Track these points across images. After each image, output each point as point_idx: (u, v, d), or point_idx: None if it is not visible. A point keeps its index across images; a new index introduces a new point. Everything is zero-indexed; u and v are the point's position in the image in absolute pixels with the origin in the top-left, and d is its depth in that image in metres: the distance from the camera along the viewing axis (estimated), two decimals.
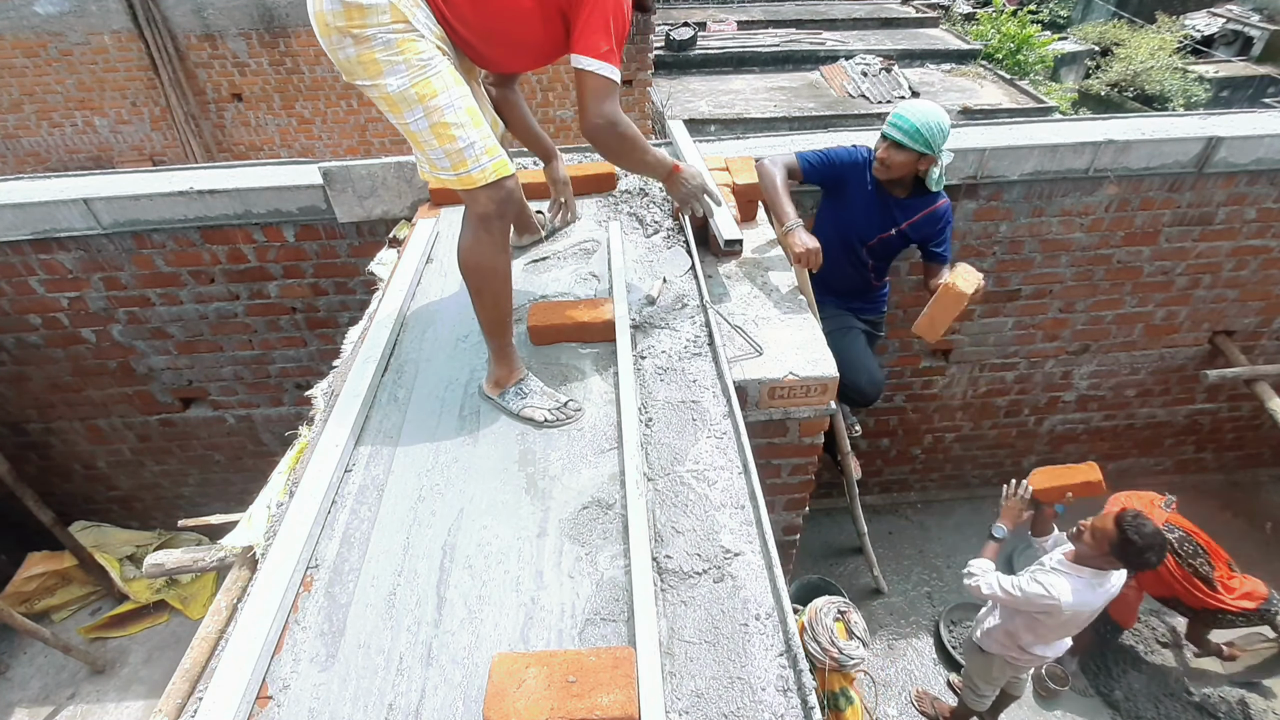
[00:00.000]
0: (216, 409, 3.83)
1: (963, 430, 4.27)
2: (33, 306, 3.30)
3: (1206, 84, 13.43)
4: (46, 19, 6.67)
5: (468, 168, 1.57)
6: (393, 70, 1.49)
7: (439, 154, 1.57)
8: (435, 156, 1.58)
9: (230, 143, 7.59)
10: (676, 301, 2.07)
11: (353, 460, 1.62)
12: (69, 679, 3.83)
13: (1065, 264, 3.49)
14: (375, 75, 1.50)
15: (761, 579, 1.31)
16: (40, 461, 3.99)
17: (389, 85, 1.50)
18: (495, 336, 1.75)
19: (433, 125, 1.54)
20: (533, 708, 1.08)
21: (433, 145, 1.56)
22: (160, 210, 2.97)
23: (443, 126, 1.54)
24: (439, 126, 1.54)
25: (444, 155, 1.57)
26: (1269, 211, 3.34)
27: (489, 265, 1.68)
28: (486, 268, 1.68)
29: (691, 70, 9.56)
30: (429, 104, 1.52)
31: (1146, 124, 3.23)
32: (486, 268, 1.68)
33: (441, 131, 1.54)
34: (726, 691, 1.14)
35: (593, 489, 1.52)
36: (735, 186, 2.54)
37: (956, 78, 9.43)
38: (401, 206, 2.85)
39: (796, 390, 1.93)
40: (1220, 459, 4.58)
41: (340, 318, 3.41)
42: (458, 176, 1.59)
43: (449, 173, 1.60)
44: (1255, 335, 3.90)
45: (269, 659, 1.22)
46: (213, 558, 1.70)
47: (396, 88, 1.50)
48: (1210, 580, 3.16)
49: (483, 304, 1.72)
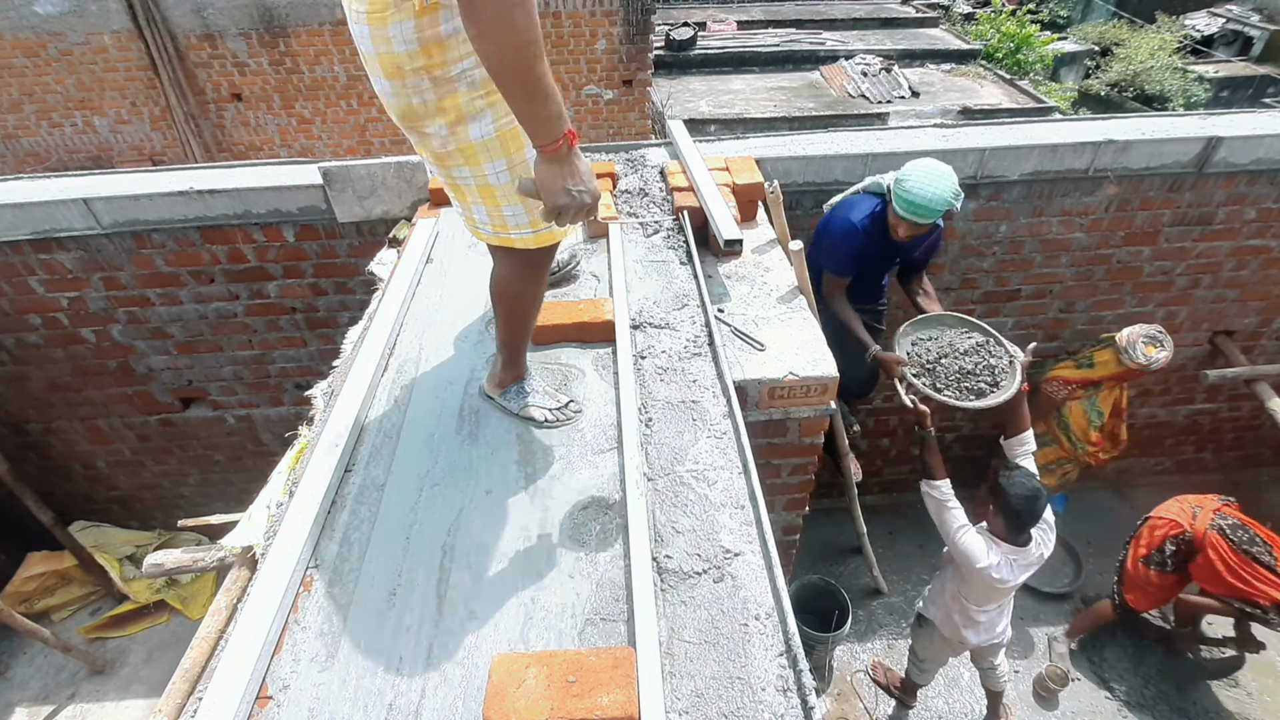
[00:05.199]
0: (216, 409, 3.83)
1: (963, 430, 4.27)
2: (33, 306, 3.30)
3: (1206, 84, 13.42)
4: (46, 19, 6.67)
5: (544, 225, 1.39)
6: (477, 116, 1.25)
7: (516, 210, 1.37)
8: (511, 214, 1.38)
9: (230, 143, 7.58)
10: (676, 301, 2.07)
11: (353, 460, 1.62)
12: (69, 679, 3.83)
13: (1065, 264, 3.49)
14: (455, 121, 1.25)
15: (761, 579, 1.31)
16: (40, 461, 3.99)
17: (471, 132, 1.26)
18: (510, 349, 1.70)
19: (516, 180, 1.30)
20: (533, 708, 1.08)
21: (511, 201, 1.36)
22: (160, 210, 2.97)
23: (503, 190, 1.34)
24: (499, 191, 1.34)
25: (524, 212, 1.38)
26: (1269, 211, 3.34)
27: (528, 298, 1.61)
28: (526, 299, 1.61)
29: (691, 70, 9.56)
30: (513, 156, 1.31)
31: (1146, 124, 3.23)
32: (526, 299, 1.61)
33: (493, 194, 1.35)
34: (726, 691, 1.14)
35: (593, 489, 1.52)
36: (735, 186, 2.54)
37: (956, 78, 9.43)
38: (401, 206, 2.85)
39: (796, 390, 1.93)
40: (1220, 459, 4.58)
41: (340, 318, 3.40)
42: (535, 235, 1.41)
43: (525, 230, 1.40)
44: (1255, 335, 3.90)
45: (269, 659, 1.22)
46: (213, 558, 1.70)
47: (479, 135, 1.27)
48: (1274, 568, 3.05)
49: (509, 326, 1.65)
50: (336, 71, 7.18)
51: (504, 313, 1.63)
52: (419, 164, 2.74)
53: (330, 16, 6.84)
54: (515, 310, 1.62)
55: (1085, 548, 4.24)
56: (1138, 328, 3.35)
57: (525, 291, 1.58)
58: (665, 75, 9.17)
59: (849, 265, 2.69)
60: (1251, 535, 3.04)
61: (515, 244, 1.43)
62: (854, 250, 2.65)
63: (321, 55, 7.07)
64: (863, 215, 2.63)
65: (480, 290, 2.19)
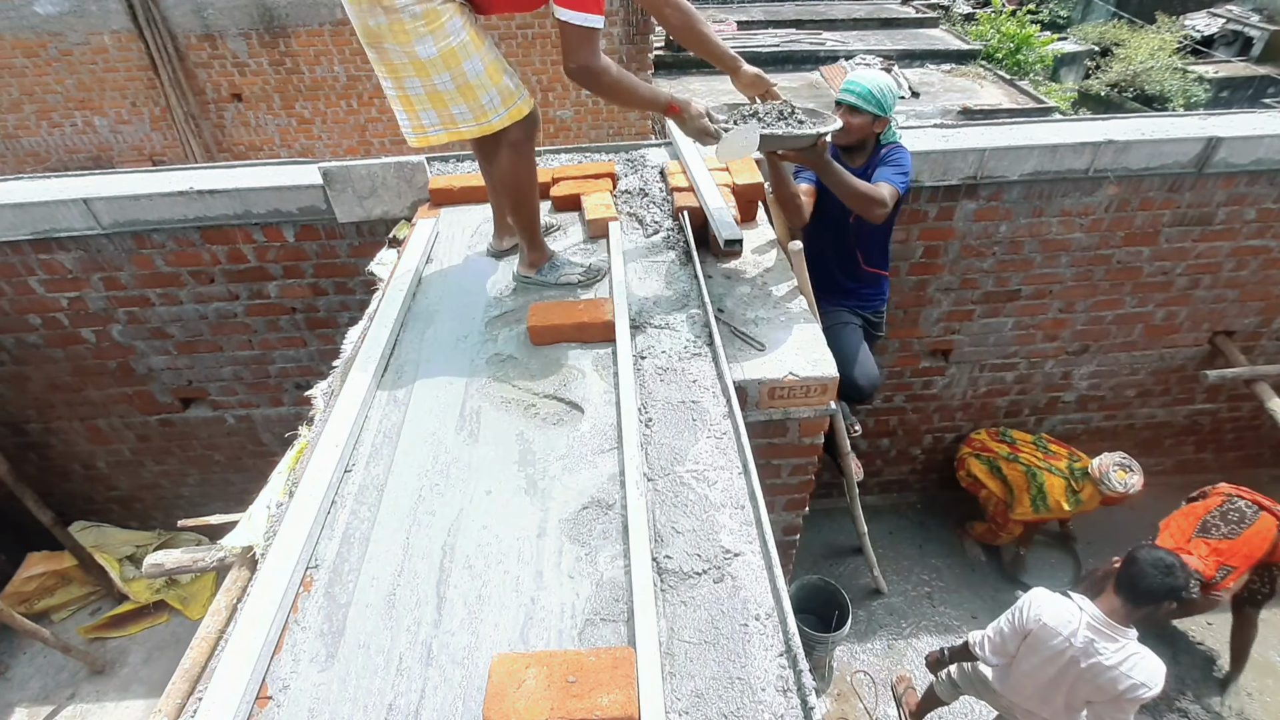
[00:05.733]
0: (216, 409, 3.83)
1: (963, 430, 4.26)
2: (33, 306, 3.30)
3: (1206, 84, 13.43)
4: (46, 19, 6.67)
5: (488, 118, 1.82)
6: (421, 40, 1.66)
7: (463, 110, 1.79)
8: (459, 113, 1.79)
9: (230, 143, 7.59)
10: (676, 301, 2.07)
11: (353, 460, 1.62)
12: (69, 679, 3.83)
13: (1065, 264, 3.49)
14: (404, 43, 1.67)
15: (761, 579, 1.31)
16: (40, 461, 3.99)
17: (419, 52, 1.68)
18: (529, 230, 2.09)
19: (459, 87, 1.75)
20: (533, 708, 1.07)
21: (458, 103, 1.77)
22: (160, 210, 2.97)
23: (467, 88, 1.75)
24: (464, 89, 1.75)
25: (468, 111, 1.79)
26: (1269, 212, 3.34)
27: (525, 180, 1.99)
28: (524, 182, 1.99)
29: (691, 70, 9.56)
30: (455, 69, 1.72)
31: (1146, 124, 3.23)
32: (524, 182, 1.99)
33: (467, 92, 1.76)
34: (726, 691, 1.14)
35: (593, 489, 1.52)
36: (735, 186, 2.54)
37: (956, 78, 9.43)
38: (401, 207, 2.85)
39: (796, 390, 1.93)
40: (1220, 459, 4.58)
41: (340, 318, 3.41)
42: (479, 126, 1.82)
43: (470, 124, 1.82)
44: (1255, 335, 3.90)
45: (269, 659, 1.22)
46: (213, 558, 1.70)
47: (425, 54, 1.68)
48: None
49: (520, 212, 2.05)
50: (336, 71, 7.18)
51: (512, 199, 2.04)
52: (419, 164, 2.74)
53: (330, 16, 6.85)
54: (520, 192, 2.01)
55: (1085, 548, 4.24)
56: (1104, 458, 3.47)
57: (522, 171, 1.96)
58: (665, 75, 9.18)
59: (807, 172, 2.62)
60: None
61: (496, 126, 1.83)
62: None
63: (321, 55, 7.07)
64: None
65: (480, 290, 2.19)
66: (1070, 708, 2.51)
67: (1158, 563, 2.31)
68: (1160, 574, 2.29)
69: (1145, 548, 2.41)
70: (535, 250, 2.13)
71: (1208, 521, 3.15)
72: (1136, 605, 2.33)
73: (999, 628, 2.59)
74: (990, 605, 3.97)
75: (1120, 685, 2.30)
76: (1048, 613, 2.42)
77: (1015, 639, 2.52)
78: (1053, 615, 2.41)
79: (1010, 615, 2.55)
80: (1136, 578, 2.32)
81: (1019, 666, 2.57)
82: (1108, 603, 2.39)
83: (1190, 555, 3.02)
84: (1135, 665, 2.29)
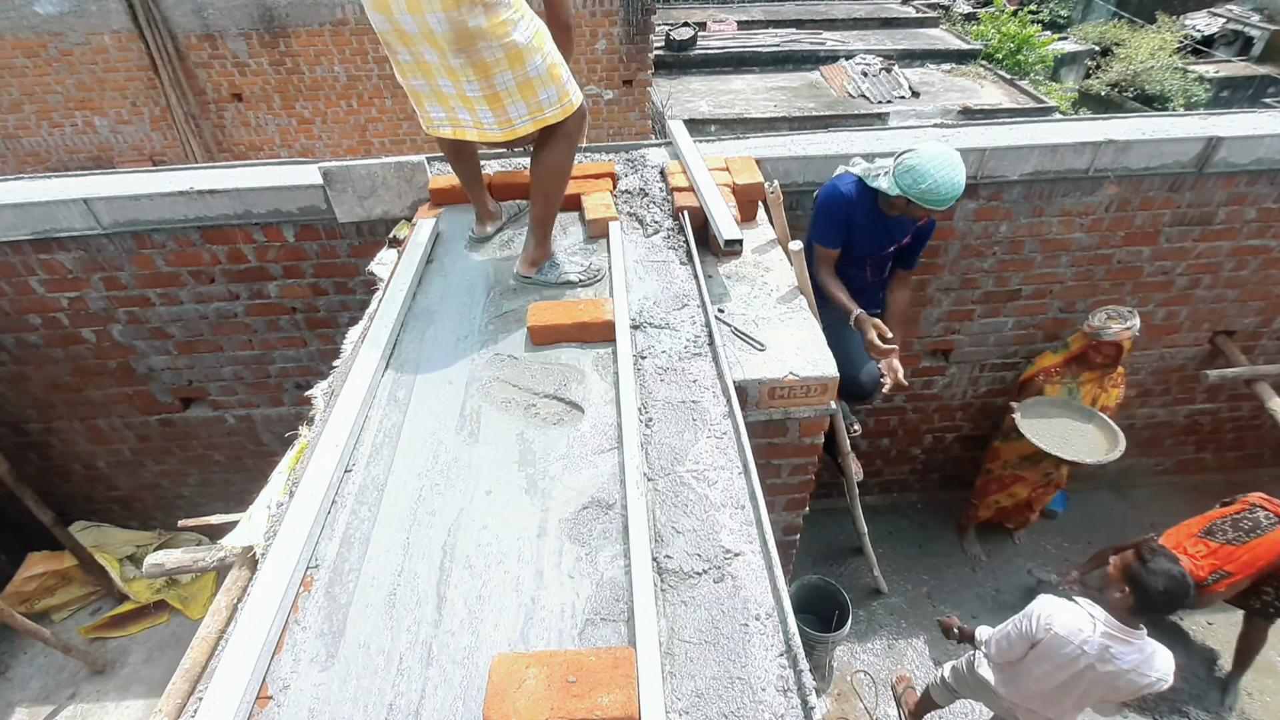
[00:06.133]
0: (216, 409, 3.83)
1: (963, 430, 4.26)
2: (33, 306, 3.30)
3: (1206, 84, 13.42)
4: (46, 19, 6.67)
5: (570, 98, 1.87)
6: (516, 27, 1.70)
7: (550, 94, 1.83)
8: (545, 98, 1.83)
9: (230, 143, 7.59)
10: (676, 301, 2.07)
11: (353, 460, 1.62)
12: (69, 679, 3.83)
13: (1065, 264, 3.49)
14: (503, 35, 1.69)
15: (761, 579, 1.31)
16: (40, 461, 3.99)
17: (518, 39, 1.71)
18: (544, 226, 2.10)
19: (549, 68, 1.80)
20: (533, 708, 1.08)
21: (546, 86, 1.81)
22: (160, 210, 2.97)
23: (554, 68, 1.82)
24: (553, 68, 1.81)
25: (555, 92, 1.83)
26: (1269, 211, 3.34)
27: (565, 172, 2.03)
28: (566, 173, 2.03)
29: (691, 70, 9.56)
30: (544, 50, 1.78)
31: (1147, 124, 3.23)
32: (566, 173, 2.03)
33: (554, 72, 1.81)
34: (726, 691, 1.14)
35: (593, 489, 1.52)
36: (735, 187, 2.54)
37: (957, 78, 9.43)
38: (401, 206, 2.85)
39: (797, 390, 1.93)
40: (1220, 459, 4.58)
41: (340, 318, 3.40)
42: (561, 108, 1.86)
43: (554, 107, 1.85)
44: (1255, 335, 3.90)
45: (269, 659, 1.22)
46: (213, 558, 1.70)
47: (523, 41, 1.72)
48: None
49: (549, 204, 2.06)
50: (336, 72, 7.18)
51: (544, 193, 2.03)
52: (419, 164, 2.74)
53: (330, 16, 6.85)
54: (555, 188, 2.03)
55: (1085, 548, 4.24)
56: (1101, 309, 3.43)
57: (564, 167, 2.01)
58: (665, 75, 9.18)
59: (834, 234, 2.63)
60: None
61: (550, 120, 1.87)
62: (841, 217, 2.60)
63: (322, 55, 7.07)
64: (850, 184, 2.61)
65: (480, 290, 2.19)
66: (1079, 707, 2.53)
67: (1166, 574, 2.31)
68: (1173, 586, 2.30)
69: (1154, 556, 2.40)
70: (542, 248, 2.14)
71: (1215, 526, 3.15)
72: (1145, 613, 2.34)
73: (1007, 633, 2.59)
74: (990, 605, 3.97)
75: (1138, 684, 2.32)
76: (1058, 621, 2.42)
77: (1023, 645, 2.52)
78: (1063, 624, 2.41)
79: (1019, 622, 2.54)
80: (1149, 589, 2.31)
81: (1029, 672, 2.56)
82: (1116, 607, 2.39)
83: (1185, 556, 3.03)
84: (1151, 664, 2.31)
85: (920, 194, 2.38)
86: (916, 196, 2.40)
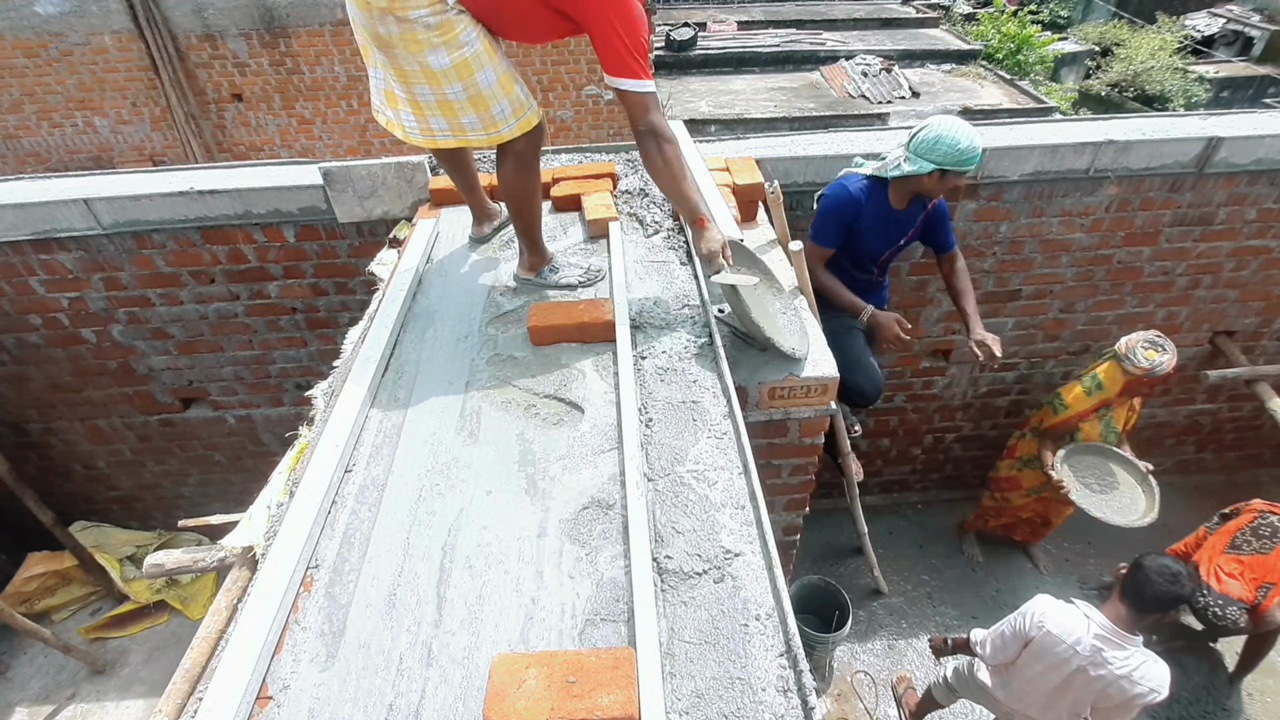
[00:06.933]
0: (216, 409, 3.83)
1: (963, 430, 4.26)
2: (33, 306, 3.30)
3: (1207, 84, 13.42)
4: (47, 19, 6.68)
5: (498, 129, 1.83)
6: (434, 50, 1.64)
7: (473, 120, 1.79)
8: (468, 122, 1.79)
9: (230, 143, 7.59)
10: (676, 301, 2.07)
11: (353, 460, 1.62)
12: (69, 679, 3.83)
13: (1065, 264, 3.49)
14: (416, 52, 1.65)
15: (762, 579, 1.30)
16: (40, 461, 3.99)
17: (431, 62, 1.66)
18: (529, 237, 2.09)
19: (470, 98, 1.75)
20: (533, 708, 1.07)
21: (468, 113, 1.78)
22: (160, 210, 2.97)
23: (479, 99, 1.76)
24: (475, 99, 1.75)
25: (477, 120, 1.80)
26: (1269, 212, 3.34)
27: (528, 189, 1.99)
28: (526, 192, 2.00)
29: (691, 70, 9.55)
30: (467, 80, 1.71)
31: (1147, 124, 3.23)
32: (526, 192, 2.00)
33: (478, 102, 1.76)
34: (727, 692, 1.14)
35: (593, 489, 1.52)
36: (735, 187, 2.54)
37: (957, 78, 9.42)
38: (401, 207, 2.85)
39: (797, 390, 1.93)
40: (1220, 459, 4.58)
41: (340, 318, 3.41)
42: (488, 136, 1.83)
43: (479, 133, 1.83)
44: (1256, 335, 3.90)
45: (269, 659, 1.22)
46: (213, 558, 1.70)
47: (438, 65, 1.67)
48: None
49: (521, 218, 2.05)
50: (337, 72, 7.19)
51: (515, 208, 2.02)
52: (419, 164, 2.74)
53: (331, 17, 6.85)
54: (523, 201, 2.00)
55: (1085, 548, 4.24)
56: (1135, 334, 3.26)
57: (526, 181, 1.96)
58: (665, 75, 9.17)
59: (833, 234, 2.61)
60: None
61: (506, 136, 1.84)
62: (847, 211, 2.58)
63: (322, 56, 7.08)
64: (858, 184, 2.58)
65: (481, 290, 2.19)
66: (1075, 715, 2.51)
67: (1164, 570, 2.30)
68: (1166, 582, 2.28)
69: (1151, 554, 2.41)
70: (535, 254, 2.14)
71: (1237, 539, 3.14)
72: (1143, 613, 2.32)
73: (1001, 631, 2.59)
74: (990, 605, 3.97)
75: (1130, 692, 2.30)
76: (1051, 620, 2.41)
77: (1016, 644, 2.52)
78: (1057, 623, 2.40)
79: (1013, 620, 2.54)
80: (1143, 585, 2.31)
81: (1022, 674, 2.56)
82: (1113, 610, 2.38)
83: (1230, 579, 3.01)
84: (1144, 673, 2.29)
85: (959, 156, 2.33)
86: (955, 161, 2.34)
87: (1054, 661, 2.42)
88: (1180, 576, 2.29)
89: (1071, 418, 3.44)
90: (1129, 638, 2.32)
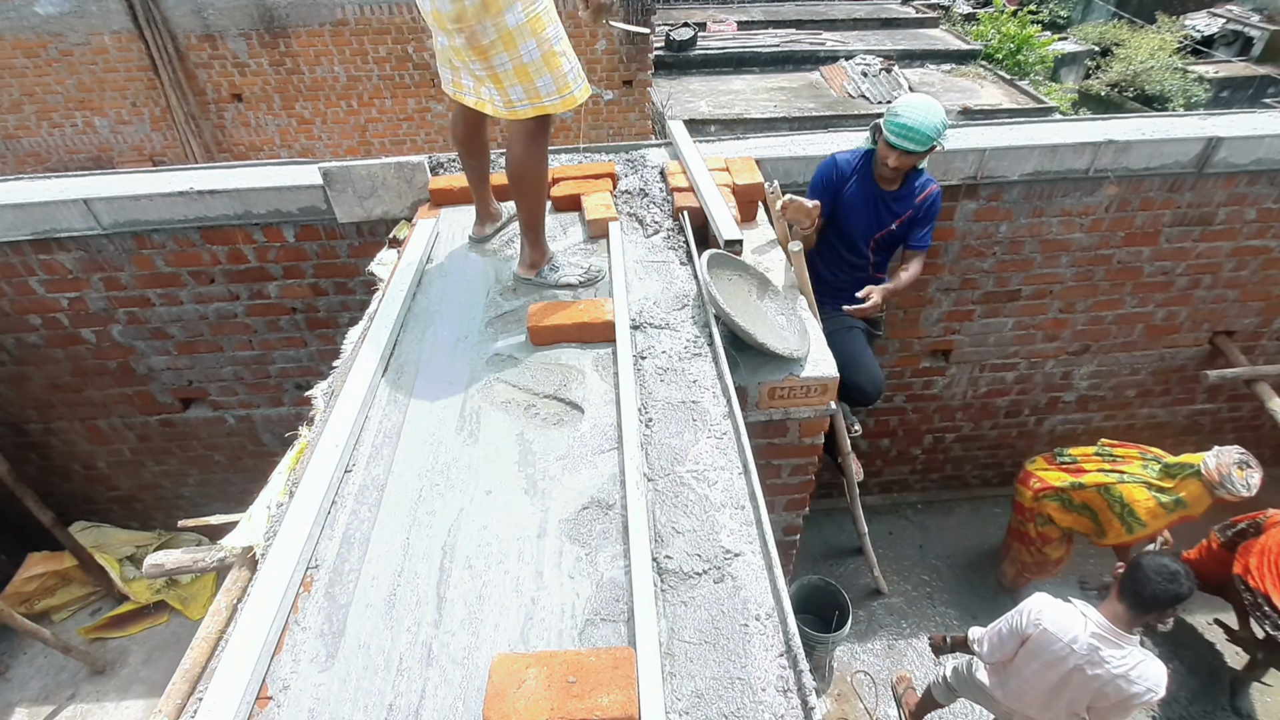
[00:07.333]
0: (216, 409, 3.83)
1: (963, 430, 4.26)
2: (33, 307, 3.30)
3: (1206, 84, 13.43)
4: (47, 19, 6.67)
5: (570, 89, 1.83)
6: (510, 8, 1.67)
7: (546, 81, 1.79)
8: (543, 84, 1.79)
9: (230, 143, 7.59)
10: (676, 301, 2.07)
11: (353, 460, 1.62)
12: (69, 679, 3.83)
13: (1065, 264, 3.49)
14: (496, 13, 1.67)
15: (761, 579, 1.30)
16: (40, 461, 3.99)
17: (509, 20, 1.68)
18: (534, 229, 2.09)
19: (544, 54, 1.76)
20: (533, 708, 1.07)
21: (542, 73, 1.78)
22: (160, 210, 2.97)
23: (552, 55, 1.77)
24: (549, 55, 1.77)
25: (551, 81, 1.80)
26: (1269, 212, 3.34)
27: (539, 171, 1.98)
28: (537, 173, 1.98)
29: (691, 70, 9.56)
30: (540, 35, 1.74)
31: (1147, 124, 3.23)
32: (537, 173, 1.98)
33: (551, 60, 1.77)
34: (727, 692, 1.14)
35: (593, 489, 1.52)
36: (735, 187, 2.54)
37: (957, 78, 9.42)
38: (401, 207, 2.85)
39: (797, 390, 1.93)
40: None
41: (340, 318, 3.40)
42: (562, 99, 1.82)
43: (553, 97, 1.81)
44: (1255, 335, 3.90)
45: (269, 659, 1.22)
46: (213, 558, 1.70)
47: (514, 22, 1.69)
48: None
49: (528, 204, 2.03)
50: (336, 72, 7.18)
51: (521, 192, 2.01)
52: (419, 164, 2.74)
53: (330, 17, 6.85)
54: (530, 187, 1.99)
55: (1085, 547, 4.24)
56: (1220, 456, 3.06)
57: (536, 166, 1.96)
58: (665, 75, 9.18)
59: (818, 190, 2.71)
60: None
61: (578, 99, 1.85)
62: (827, 177, 2.70)
63: (321, 56, 7.07)
64: (850, 156, 2.72)
65: (480, 290, 2.19)
66: (1072, 714, 2.51)
67: (1162, 569, 2.30)
68: (1164, 581, 2.28)
69: (1150, 554, 2.40)
70: (537, 250, 2.14)
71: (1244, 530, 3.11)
72: (1140, 612, 2.32)
73: (998, 628, 2.59)
74: (990, 605, 3.97)
75: (1126, 692, 2.30)
76: (1048, 618, 2.41)
77: (1013, 642, 2.52)
78: (1054, 621, 2.40)
79: (1010, 617, 2.54)
80: (1141, 584, 2.30)
81: (1020, 672, 2.56)
82: (1111, 609, 2.38)
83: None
84: (1141, 672, 2.29)
85: (888, 124, 2.48)
86: (885, 128, 2.50)
87: (1050, 660, 2.42)
88: (1179, 576, 2.29)
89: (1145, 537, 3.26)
90: (1126, 637, 2.32)
